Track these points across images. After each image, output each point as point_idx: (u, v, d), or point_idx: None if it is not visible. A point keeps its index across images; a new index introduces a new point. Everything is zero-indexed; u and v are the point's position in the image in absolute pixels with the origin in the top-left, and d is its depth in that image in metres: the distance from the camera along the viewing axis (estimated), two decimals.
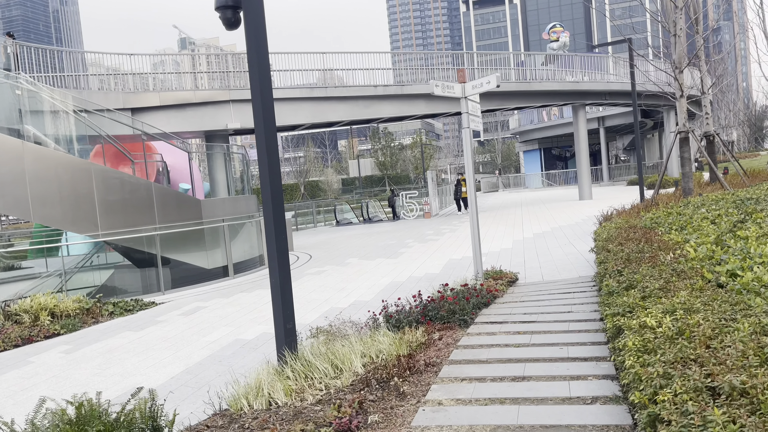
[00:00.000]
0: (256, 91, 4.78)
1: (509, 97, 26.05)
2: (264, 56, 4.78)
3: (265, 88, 4.78)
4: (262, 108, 4.76)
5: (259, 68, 4.75)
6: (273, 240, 4.84)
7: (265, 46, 4.83)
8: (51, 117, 12.89)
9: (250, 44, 4.76)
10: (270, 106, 4.84)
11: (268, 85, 4.82)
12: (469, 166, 8.35)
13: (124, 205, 11.54)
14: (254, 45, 4.75)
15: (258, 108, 4.78)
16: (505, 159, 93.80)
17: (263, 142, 4.79)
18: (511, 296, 7.70)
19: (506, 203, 32.73)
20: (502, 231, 17.62)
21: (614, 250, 6.46)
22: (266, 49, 4.82)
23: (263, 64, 4.78)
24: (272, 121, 4.86)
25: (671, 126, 37.15)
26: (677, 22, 14.68)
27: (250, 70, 4.82)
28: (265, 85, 4.78)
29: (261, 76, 4.76)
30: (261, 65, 4.77)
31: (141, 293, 12.11)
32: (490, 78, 7.70)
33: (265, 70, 4.80)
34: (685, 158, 14.60)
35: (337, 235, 22.49)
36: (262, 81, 4.76)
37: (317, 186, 67.16)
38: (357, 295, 9.61)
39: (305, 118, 21.74)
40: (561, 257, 11.45)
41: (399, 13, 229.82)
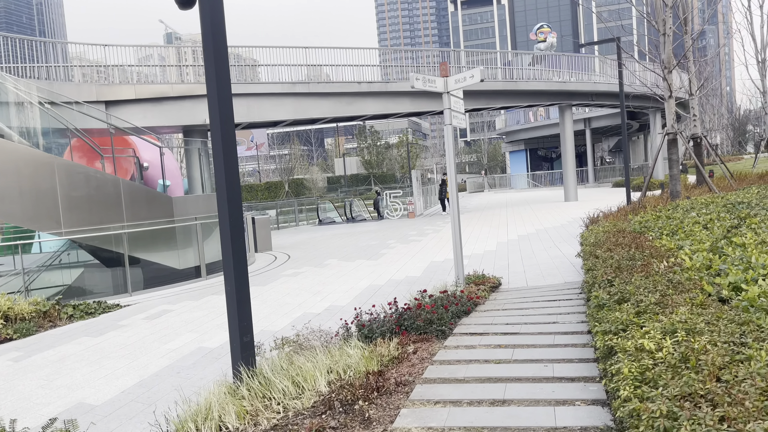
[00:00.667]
0: (211, 77, 4.29)
1: (496, 96, 25.69)
2: (221, 39, 4.29)
3: (221, 72, 4.29)
4: (218, 95, 4.27)
5: (215, 53, 4.26)
6: (228, 243, 4.36)
7: (223, 28, 4.34)
8: (15, 109, 12.24)
9: (205, 26, 4.26)
10: (227, 93, 4.35)
11: (225, 69, 4.33)
12: (451, 165, 7.90)
13: (89, 202, 10.95)
14: (209, 27, 4.26)
15: (213, 94, 4.28)
16: (491, 159, 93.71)
17: (219, 135, 4.30)
18: (493, 303, 7.26)
19: (492, 204, 32.40)
20: (487, 232, 17.23)
21: (603, 257, 6.04)
22: (223, 31, 4.33)
23: (220, 48, 4.29)
24: (229, 111, 4.37)
25: (657, 128, 37.08)
26: (666, 21, 14.36)
27: (204, 55, 4.32)
28: (222, 70, 4.29)
29: (217, 61, 4.27)
30: (217, 49, 4.28)
31: (111, 294, 11.53)
32: (473, 72, 7.25)
33: (222, 54, 4.31)
34: (673, 160, 14.29)
35: (319, 234, 21.98)
36: (219, 66, 4.27)
37: (302, 184, 66.46)
38: (332, 300, 9.13)
39: (287, 114, 21.19)
40: (546, 261, 11.06)
41: (387, 12, 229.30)
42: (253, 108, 20.41)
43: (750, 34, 22.63)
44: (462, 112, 8.17)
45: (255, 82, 20.63)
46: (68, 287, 13.77)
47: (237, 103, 19.89)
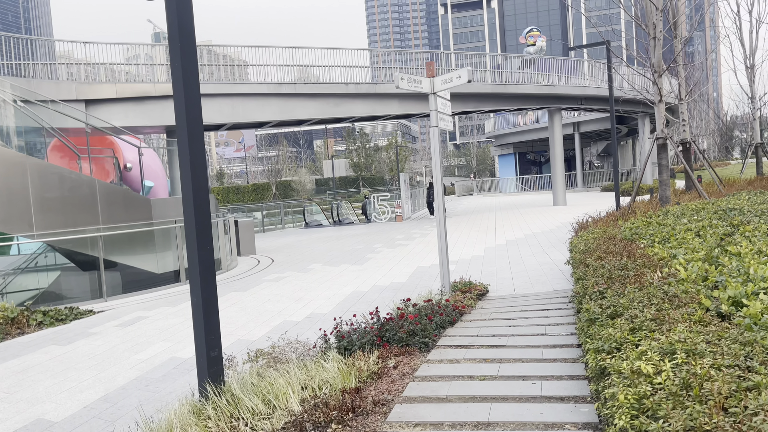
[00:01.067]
0: (176, 69, 3.98)
1: (485, 99, 25.50)
2: (188, 32, 3.99)
3: (188, 66, 3.98)
4: (185, 92, 3.97)
5: (181, 46, 3.95)
6: (195, 251, 4.05)
7: (190, 19, 4.04)
8: None
9: (171, 16, 3.96)
10: (194, 90, 4.04)
11: (192, 63, 4.02)
12: (437, 167, 7.63)
13: (63, 203, 10.57)
14: (176, 18, 3.95)
15: (179, 90, 3.98)
16: (480, 163, 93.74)
17: (185, 135, 4.00)
18: (479, 312, 6.99)
19: (480, 207, 32.22)
20: (475, 237, 16.99)
21: (593, 265, 5.79)
22: (191, 22, 4.03)
23: (187, 42, 3.98)
24: (197, 110, 4.07)
25: (646, 133, 37.11)
26: (657, 25, 14.21)
27: (170, 48, 4.02)
28: (189, 62, 3.99)
29: (183, 55, 3.96)
30: (184, 43, 3.97)
31: (88, 299, 11.12)
32: (460, 72, 6.99)
33: (190, 48, 4.00)
34: (662, 165, 14.12)
35: (305, 237, 21.64)
36: (185, 60, 3.97)
37: (290, 186, 66.02)
38: (314, 307, 8.83)
39: (273, 115, 20.85)
40: (534, 267, 10.82)
41: (378, 14, 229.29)
42: (238, 108, 20.05)
43: (739, 39, 22.60)
44: (449, 114, 7.91)
45: (240, 82, 20.28)
46: (43, 291, 13.34)
47: (222, 103, 19.55)
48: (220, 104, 19.75)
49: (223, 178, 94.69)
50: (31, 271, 15.17)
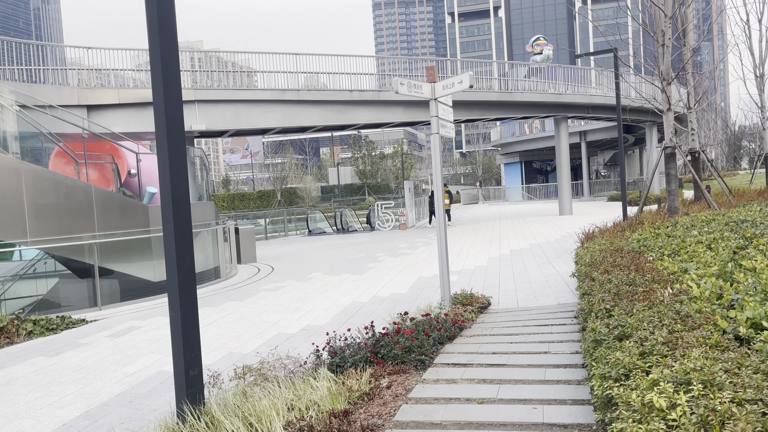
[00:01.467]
0: (156, 68, 3.75)
1: (490, 107, 25.27)
2: (167, 25, 3.76)
3: (168, 63, 3.75)
4: (163, 88, 3.74)
5: (161, 45, 3.73)
6: (173, 263, 3.80)
7: (172, 18, 3.81)
8: None
9: (151, 12, 3.74)
10: (174, 86, 3.81)
11: (173, 60, 3.79)
12: (438, 175, 7.37)
13: (58, 210, 10.37)
14: (155, 12, 3.73)
15: (158, 88, 3.75)
16: (486, 171, 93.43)
17: (164, 139, 3.77)
18: (480, 327, 6.71)
19: (485, 216, 31.92)
20: (479, 246, 16.70)
21: (600, 280, 5.51)
22: (173, 20, 3.80)
23: (167, 40, 3.76)
24: (178, 111, 3.83)
25: (654, 142, 36.77)
26: (666, 32, 13.96)
27: (150, 45, 3.79)
28: (168, 61, 3.76)
29: (163, 53, 3.73)
30: (164, 41, 3.74)
31: (84, 307, 10.90)
32: (462, 77, 6.74)
33: (170, 47, 3.78)
34: (671, 175, 13.82)
35: (307, 245, 21.40)
36: (165, 56, 3.73)
37: (295, 193, 65.90)
38: (311, 318, 8.56)
39: (276, 122, 20.67)
40: (539, 279, 10.52)
41: (385, 23, 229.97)
42: (241, 115, 19.89)
43: (748, 48, 22.28)
44: (450, 121, 7.66)
45: (243, 89, 20.13)
46: (40, 299, 13.13)
47: (224, 109, 19.39)
48: (223, 110, 19.60)
49: (229, 184, 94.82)
50: (30, 278, 14.98)
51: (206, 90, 19.18)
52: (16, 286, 14.64)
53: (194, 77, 20.10)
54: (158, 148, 3.81)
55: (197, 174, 14.40)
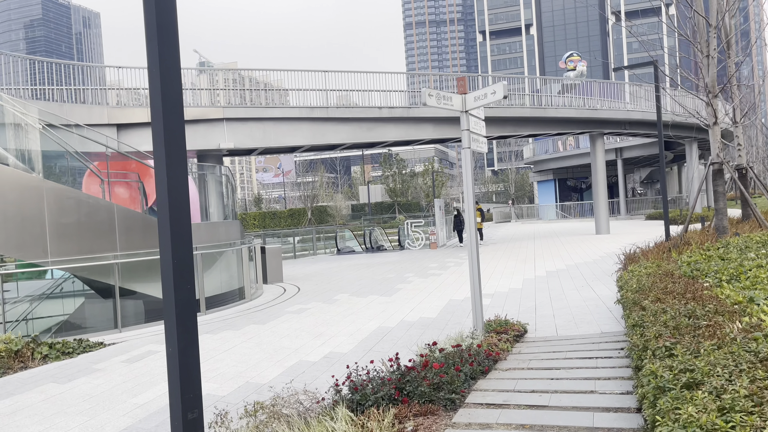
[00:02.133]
0: (154, 75, 3.37)
1: (523, 123, 24.66)
2: (167, 23, 3.38)
3: (167, 69, 3.37)
4: (162, 97, 3.35)
5: (159, 40, 3.35)
6: (170, 290, 3.39)
7: (173, 20, 3.44)
8: (14, 131, 11.63)
9: (149, 14, 3.37)
10: (174, 94, 3.42)
11: (173, 64, 3.41)
12: (469, 193, 6.86)
13: (79, 229, 10.17)
14: (153, 13, 3.36)
15: (156, 92, 3.36)
16: (518, 189, 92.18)
17: (162, 154, 3.37)
18: (516, 359, 6.13)
19: (518, 235, 31.11)
20: (512, 267, 16.04)
21: (652, 309, 4.91)
22: (174, 16, 3.43)
23: (166, 33, 3.38)
24: (178, 125, 3.43)
25: (694, 159, 35.53)
26: (710, 42, 13.26)
27: (147, 44, 3.42)
28: (168, 66, 3.37)
29: (162, 51, 3.35)
30: (162, 35, 3.37)
31: (107, 329, 10.63)
32: (495, 87, 6.26)
33: (170, 40, 3.39)
34: (718, 192, 13.02)
35: (335, 264, 20.99)
36: (163, 59, 3.35)
37: (325, 211, 65.88)
38: (334, 345, 8.08)
39: (304, 140, 20.45)
40: (578, 303, 9.86)
41: (416, 43, 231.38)
42: (269, 132, 19.73)
43: None
44: (483, 135, 7.17)
45: (271, 107, 19.99)
46: (64, 320, 12.96)
47: (253, 127, 19.26)
48: (251, 128, 19.47)
49: (261, 203, 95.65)
50: (57, 297, 14.89)
51: (234, 108, 19.09)
52: (43, 305, 14.55)
53: (223, 95, 20.05)
54: (156, 166, 3.42)
55: (223, 193, 14.17)
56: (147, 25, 3.39)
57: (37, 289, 15.69)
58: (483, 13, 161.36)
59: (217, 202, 14.22)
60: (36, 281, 16.50)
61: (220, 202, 14.05)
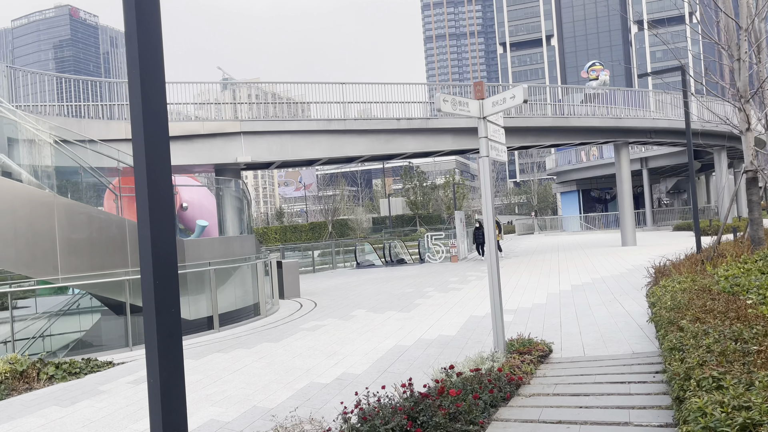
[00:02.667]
0: (134, 78, 3.06)
1: (545, 133, 24.15)
2: (150, 26, 3.08)
3: (148, 73, 3.06)
4: (142, 103, 3.04)
5: (139, 43, 3.04)
6: (152, 314, 3.05)
7: (157, 16, 3.14)
8: (28, 146, 11.55)
9: (128, 13, 3.07)
10: (157, 84, 3.10)
11: (156, 66, 3.10)
12: (487, 202, 6.46)
13: (90, 245, 9.98)
14: (134, 14, 3.06)
15: (136, 103, 3.05)
16: (541, 200, 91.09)
17: (142, 158, 3.06)
18: (541, 383, 5.68)
19: (542, 247, 30.44)
20: (536, 281, 15.50)
21: (692, 331, 4.44)
22: (157, 17, 3.13)
23: (148, 38, 3.07)
24: (163, 128, 3.12)
25: (723, 168, 34.55)
26: (741, 46, 12.70)
27: (127, 47, 3.12)
28: (150, 71, 3.06)
29: (142, 56, 3.05)
30: (143, 36, 3.06)
31: (120, 346, 10.40)
32: (514, 91, 5.88)
33: (151, 43, 3.09)
34: (753, 201, 12.38)
35: (354, 279, 20.63)
36: (144, 60, 3.05)
37: (346, 224, 65.69)
38: (348, 365, 7.70)
39: (322, 153, 20.23)
40: (606, 320, 9.33)
41: (436, 56, 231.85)
42: (286, 146, 19.55)
43: None
44: (502, 143, 6.77)
45: (288, 119, 19.83)
46: (77, 339, 12.77)
47: (270, 140, 19.09)
48: (268, 142, 19.31)
49: (283, 217, 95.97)
50: (74, 314, 14.74)
51: (252, 122, 18.95)
52: (62, 322, 14.40)
53: (240, 109, 19.94)
54: (136, 169, 3.10)
55: (238, 207, 13.94)
56: (126, 20, 3.09)
57: (55, 305, 15.59)
58: (503, 25, 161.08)
59: (232, 216, 14.00)
60: (55, 297, 16.42)
61: (236, 216, 13.82)
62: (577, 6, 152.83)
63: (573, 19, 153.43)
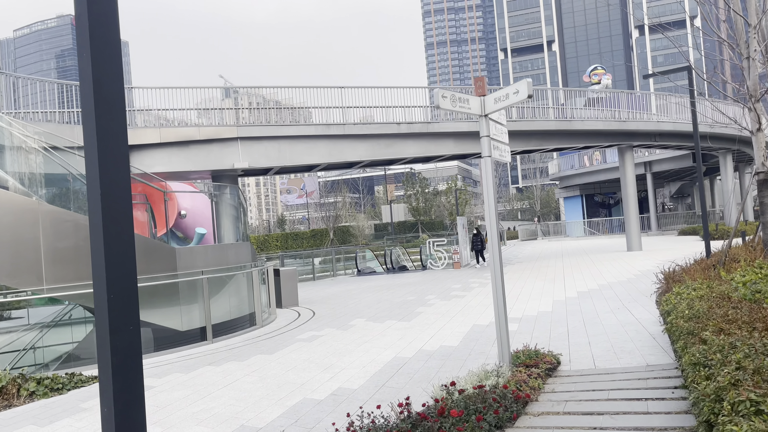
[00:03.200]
0: (85, 74, 2.68)
1: (548, 136, 23.76)
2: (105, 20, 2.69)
3: (102, 62, 2.67)
4: (94, 92, 2.65)
5: (90, 33, 2.66)
6: (105, 334, 2.65)
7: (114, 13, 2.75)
8: (14, 153, 11.19)
9: None
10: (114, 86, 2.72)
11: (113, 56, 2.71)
12: (490, 205, 6.06)
13: (77, 254, 9.59)
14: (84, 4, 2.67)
15: (87, 91, 2.67)
16: (544, 206, 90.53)
17: (94, 152, 2.67)
18: (550, 399, 5.26)
19: (546, 253, 29.99)
20: (540, 288, 15.07)
21: (717, 344, 4.02)
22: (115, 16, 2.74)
23: (100, 28, 2.69)
24: (119, 118, 2.73)
25: (729, 171, 34.12)
26: (750, 43, 12.31)
27: (77, 38, 2.74)
28: (104, 60, 2.68)
29: (94, 45, 2.66)
30: (94, 26, 2.68)
31: None
32: (518, 86, 5.49)
33: (106, 33, 2.70)
34: (765, 204, 11.94)
35: (354, 286, 20.21)
36: (96, 52, 2.66)
37: (348, 231, 65.28)
38: (344, 379, 7.28)
39: (321, 158, 19.85)
40: (615, 329, 8.90)
41: (438, 62, 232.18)
42: (284, 151, 19.18)
43: None
44: (505, 142, 6.38)
45: (286, 125, 19.46)
46: (67, 353, 12.36)
47: (267, 146, 18.73)
48: (266, 147, 18.95)
49: (285, 224, 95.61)
50: (66, 325, 14.35)
51: (249, 127, 18.60)
52: (55, 333, 14.01)
53: (237, 114, 19.59)
54: (87, 165, 2.72)
55: (233, 214, 13.55)
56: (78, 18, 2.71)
57: (47, 316, 15.21)
58: (504, 31, 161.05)
59: (226, 223, 13.61)
60: (49, 307, 16.05)
61: (231, 223, 13.43)
62: (577, 11, 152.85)
63: (574, 24, 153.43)
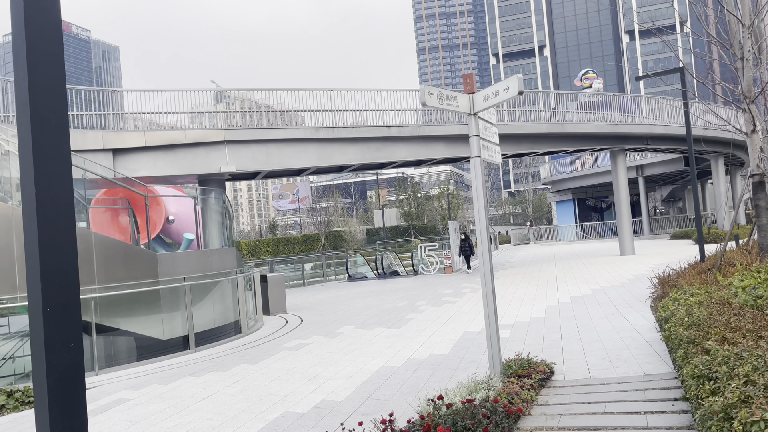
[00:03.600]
0: (20, 74, 2.38)
1: (540, 140, 23.57)
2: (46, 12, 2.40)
3: (41, 62, 2.37)
4: (28, 74, 2.35)
5: (26, 29, 2.36)
6: (41, 355, 2.34)
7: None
8: None
9: None
10: (56, 81, 2.42)
11: (55, 60, 2.41)
12: (480, 208, 5.78)
13: None
14: None
15: (21, 76, 2.37)
16: (536, 210, 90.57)
17: (29, 147, 2.37)
18: (544, 413, 4.96)
19: (538, 257, 29.77)
20: (533, 293, 14.80)
21: (722, 355, 3.75)
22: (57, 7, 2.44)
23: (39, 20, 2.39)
24: (60, 120, 2.42)
25: (720, 174, 34.09)
26: (744, 44, 12.15)
27: (13, 33, 2.44)
28: (45, 61, 2.38)
29: (30, 62, 2.37)
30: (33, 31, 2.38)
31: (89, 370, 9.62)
32: (508, 82, 5.22)
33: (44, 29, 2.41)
34: (760, 207, 11.75)
35: (344, 292, 19.88)
36: (32, 51, 2.36)
37: (340, 236, 64.90)
38: (329, 390, 6.96)
39: (310, 162, 19.54)
40: (611, 335, 8.63)
41: (429, 68, 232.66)
42: (272, 155, 18.86)
43: None
44: (496, 143, 6.11)
45: (274, 128, 19.15)
46: None
47: (255, 150, 18.41)
48: (253, 151, 18.63)
49: (276, 229, 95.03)
50: None
51: (236, 130, 18.27)
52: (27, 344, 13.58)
53: (228, 118, 19.25)
54: (21, 162, 2.41)
55: (218, 219, 13.21)
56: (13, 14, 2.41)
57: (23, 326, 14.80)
58: (496, 36, 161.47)
59: (211, 228, 13.27)
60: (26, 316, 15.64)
61: (216, 228, 13.09)
62: (568, 16, 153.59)
63: (565, 29, 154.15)
